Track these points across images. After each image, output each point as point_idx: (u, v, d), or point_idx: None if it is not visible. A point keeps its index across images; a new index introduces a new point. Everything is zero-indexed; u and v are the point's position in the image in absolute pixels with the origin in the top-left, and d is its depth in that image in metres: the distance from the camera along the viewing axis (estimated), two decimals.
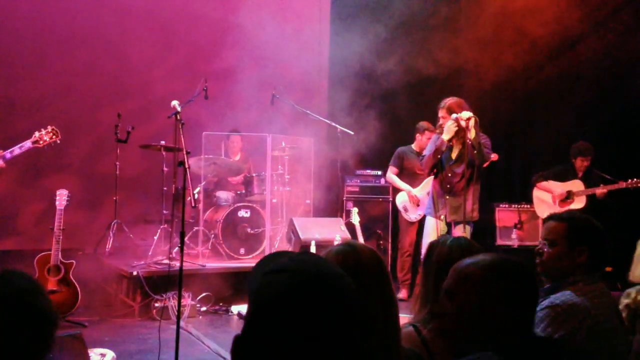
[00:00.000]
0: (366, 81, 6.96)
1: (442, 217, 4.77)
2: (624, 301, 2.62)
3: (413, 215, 6.38)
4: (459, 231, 4.54)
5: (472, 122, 4.44)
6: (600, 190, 5.88)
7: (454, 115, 4.53)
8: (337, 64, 7.78)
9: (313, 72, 8.09)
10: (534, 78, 7.36)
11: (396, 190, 6.61)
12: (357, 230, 5.97)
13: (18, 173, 6.68)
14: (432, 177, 6.30)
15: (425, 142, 6.33)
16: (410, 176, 6.45)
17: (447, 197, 4.73)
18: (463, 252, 2.02)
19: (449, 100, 4.70)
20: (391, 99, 7.07)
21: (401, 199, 6.45)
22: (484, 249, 2.08)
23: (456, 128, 4.53)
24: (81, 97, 7.23)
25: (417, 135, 6.51)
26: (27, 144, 4.73)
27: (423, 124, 6.47)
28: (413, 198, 6.33)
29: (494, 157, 6.25)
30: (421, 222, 6.29)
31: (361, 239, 5.93)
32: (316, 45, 8.25)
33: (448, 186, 4.74)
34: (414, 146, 6.54)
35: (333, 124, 6.87)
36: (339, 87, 7.44)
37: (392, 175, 6.52)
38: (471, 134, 4.45)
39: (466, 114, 4.49)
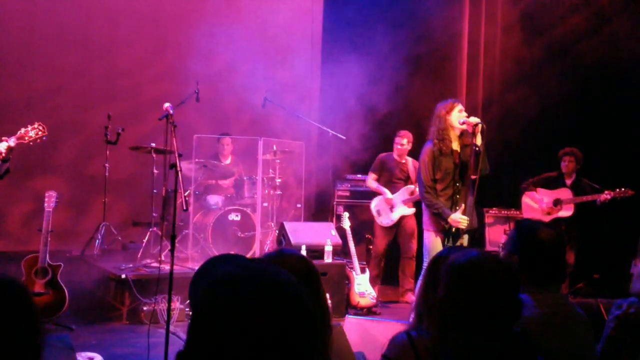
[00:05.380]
0: (358, 85, 6.98)
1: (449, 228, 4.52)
2: (615, 312, 2.61)
3: (385, 220, 6.44)
4: (465, 241, 4.49)
5: (479, 128, 4.33)
6: (604, 196, 5.89)
7: (460, 120, 4.42)
8: (329, 68, 7.80)
9: (305, 75, 8.09)
10: (524, 85, 7.41)
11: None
12: (347, 234, 5.97)
13: None
14: (410, 186, 6.39)
15: (405, 150, 6.46)
16: (388, 183, 6.53)
17: (457, 207, 4.48)
18: None
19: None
20: (384, 102, 7.09)
21: (376, 203, 6.53)
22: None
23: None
24: (71, 98, 7.17)
25: (397, 143, 6.53)
26: (12, 140, 4.40)
27: (399, 131, 6.55)
28: (388, 200, 6.40)
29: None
30: (396, 227, 6.44)
31: (352, 244, 5.93)
32: (308, 48, 8.26)
33: (457, 196, 4.51)
34: (394, 154, 6.58)
35: (324, 128, 6.88)
36: (330, 90, 7.45)
37: (370, 181, 6.63)
38: (477, 141, 4.34)
39: (474, 119, 4.39)
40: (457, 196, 4.49)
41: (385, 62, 7.09)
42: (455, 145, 4.49)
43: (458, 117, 4.42)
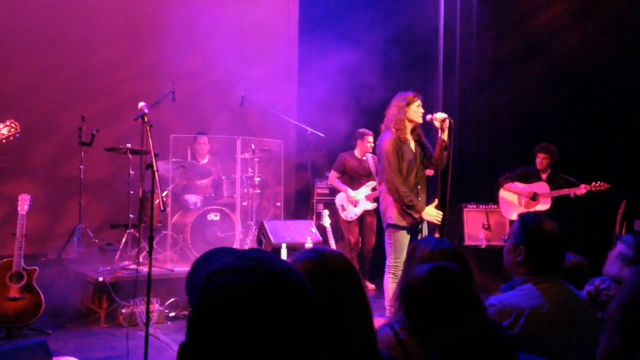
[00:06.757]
0: (336, 82, 6.97)
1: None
2: (587, 288, 2.70)
3: (349, 215, 6.68)
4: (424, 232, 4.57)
5: (446, 124, 4.42)
6: (580, 190, 5.97)
7: (428, 116, 4.51)
8: (307, 64, 7.78)
9: (282, 72, 8.05)
10: (503, 79, 7.48)
11: (337, 192, 6.86)
12: (328, 232, 5.97)
13: None
14: (372, 182, 6.51)
15: (366, 147, 6.68)
16: (351, 180, 6.74)
17: (419, 198, 4.55)
18: (443, 254, 2.06)
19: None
20: (362, 99, 7.10)
21: (339, 199, 6.77)
22: (461, 251, 2.10)
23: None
24: (44, 99, 7.02)
25: (358, 141, 6.76)
26: None
27: (362, 130, 6.75)
28: (351, 199, 6.62)
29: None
30: (362, 219, 6.70)
31: (332, 241, 5.93)
32: (285, 46, 8.22)
33: (419, 187, 4.56)
34: (355, 152, 6.78)
35: (303, 125, 6.87)
36: (308, 87, 7.43)
37: (332, 179, 6.84)
38: (444, 136, 4.42)
39: (440, 115, 4.46)
40: (419, 187, 4.53)
41: (364, 58, 7.09)
42: (410, 137, 4.55)
43: (415, 111, 4.48)
